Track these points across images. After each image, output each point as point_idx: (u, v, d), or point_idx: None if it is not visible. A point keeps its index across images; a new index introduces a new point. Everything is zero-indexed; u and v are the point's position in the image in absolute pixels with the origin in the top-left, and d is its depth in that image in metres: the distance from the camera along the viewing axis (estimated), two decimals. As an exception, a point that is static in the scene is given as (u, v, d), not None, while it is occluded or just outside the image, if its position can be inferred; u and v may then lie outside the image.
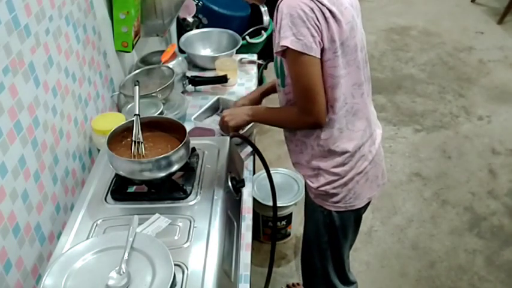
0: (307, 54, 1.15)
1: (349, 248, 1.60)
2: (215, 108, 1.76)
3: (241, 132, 1.51)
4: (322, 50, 1.18)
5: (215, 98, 1.76)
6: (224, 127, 1.48)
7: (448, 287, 2.19)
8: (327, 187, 1.38)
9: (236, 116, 1.45)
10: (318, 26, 1.14)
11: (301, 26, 1.12)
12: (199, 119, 1.66)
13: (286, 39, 1.13)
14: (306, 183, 1.48)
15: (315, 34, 1.14)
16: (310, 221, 1.54)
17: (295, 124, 1.36)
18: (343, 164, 1.35)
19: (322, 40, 1.16)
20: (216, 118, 1.74)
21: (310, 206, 1.50)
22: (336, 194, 1.39)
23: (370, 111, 1.40)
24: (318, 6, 1.13)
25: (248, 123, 1.48)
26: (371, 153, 1.38)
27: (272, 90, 1.61)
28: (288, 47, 1.14)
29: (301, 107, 1.26)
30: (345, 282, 1.63)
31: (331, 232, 1.48)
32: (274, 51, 1.21)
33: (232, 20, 2.54)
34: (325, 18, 1.14)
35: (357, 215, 1.47)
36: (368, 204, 1.51)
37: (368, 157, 1.37)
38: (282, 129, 1.48)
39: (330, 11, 1.14)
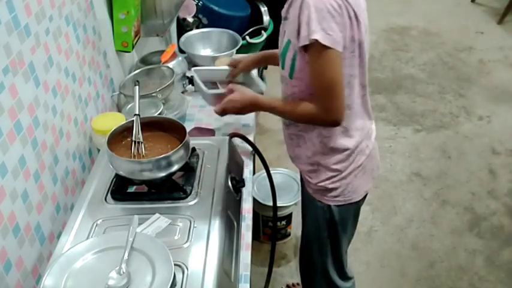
0: (335, 49, 1.14)
1: (348, 243, 1.61)
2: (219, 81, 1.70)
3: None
4: (343, 48, 1.18)
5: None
6: (225, 106, 1.42)
7: (448, 287, 2.18)
8: (327, 182, 1.39)
9: (240, 104, 1.40)
10: (343, 23, 1.14)
11: (331, 21, 1.12)
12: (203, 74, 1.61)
13: (316, 33, 1.12)
14: (303, 178, 1.48)
15: (342, 30, 1.14)
16: (310, 217, 1.54)
17: (311, 121, 1.32)
18: (343, 161, 1.36)
19: (344, 38, 1.16)
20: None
21: (308, 202, 1.50)
22: (335, 189, 1.40)
23: (370, 109, 1.41)
24: (344, 4, 1.13)
25: (251, 112, 1.45)
26: (368, 148, 1.40)
27: (270, 60, 1.62)
28: (316, 41, 1.13)
29: (322, 103, 1.23)
30: (343, 278, 1.63)
31: (330, 227, 1.48)
32: (300, 44, 1.17)
33: (232, 20, 2.54)
34: (350, 17, 1.15)
35: (355, 208, 1.48)
36: (365, 196, 1.52)
37: (365, 152, 1.39)
38: (281, 130, 1.48)
39: (354, 11, 1.15)
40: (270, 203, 1.70)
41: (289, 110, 1.32)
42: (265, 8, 2.76)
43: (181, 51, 2.12)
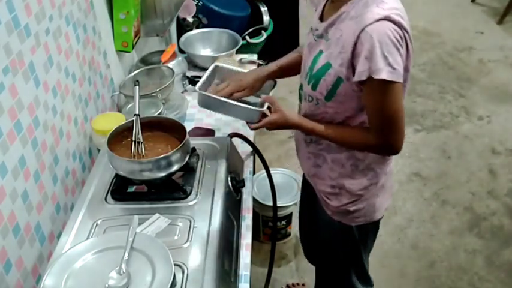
0: (398, 82, 1.09)
1: (369, 253, 1.57)
2: (212, 78, 1.52)
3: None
4: None
5: (213, 66, 1.51)
6: (265, 125, 1.30)
7: (448, 287, 2.18)
8: (348, 205, 1.34)
9: (282, 127, 1.30)
10: (404, 55, 1.09)
11: (396, 54, 1.06)
12: (204, 89, 1.40)
13: (382, 71, 1.05)
14: (320, 198, 1.41)
15: (404, 62, 1.09)
16: (328, 239, 1.49)
17: (366, 149, 1.26)
18: (368, 186, 1.32)
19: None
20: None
21: (326, 224, 1.43)
22: (357, 211, 1.35)
23: None
24: (404, 35, 1.08)
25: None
26: (389, 167, 1.36)
27: (286, 72, 1.44)
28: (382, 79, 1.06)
29: (383, 137, 1.17)
30: (367, 284, 1.62)
31: (352, 247, 1.45)
32: (355, 79, 1.10)
33: (232, 20, 2.54)
34: (407, 48, 1.10)
35: (375, 226, 1.45)
36: None
37: (386, 171, 1.35)
38: (281, 130, 1.45)
39: (411, 41, 1.11)
40: (270, 203, 1.70)
41: (339, 136, 1.24)
42: (265, 8, 2.76)
43: (181, 51, 2.12)
